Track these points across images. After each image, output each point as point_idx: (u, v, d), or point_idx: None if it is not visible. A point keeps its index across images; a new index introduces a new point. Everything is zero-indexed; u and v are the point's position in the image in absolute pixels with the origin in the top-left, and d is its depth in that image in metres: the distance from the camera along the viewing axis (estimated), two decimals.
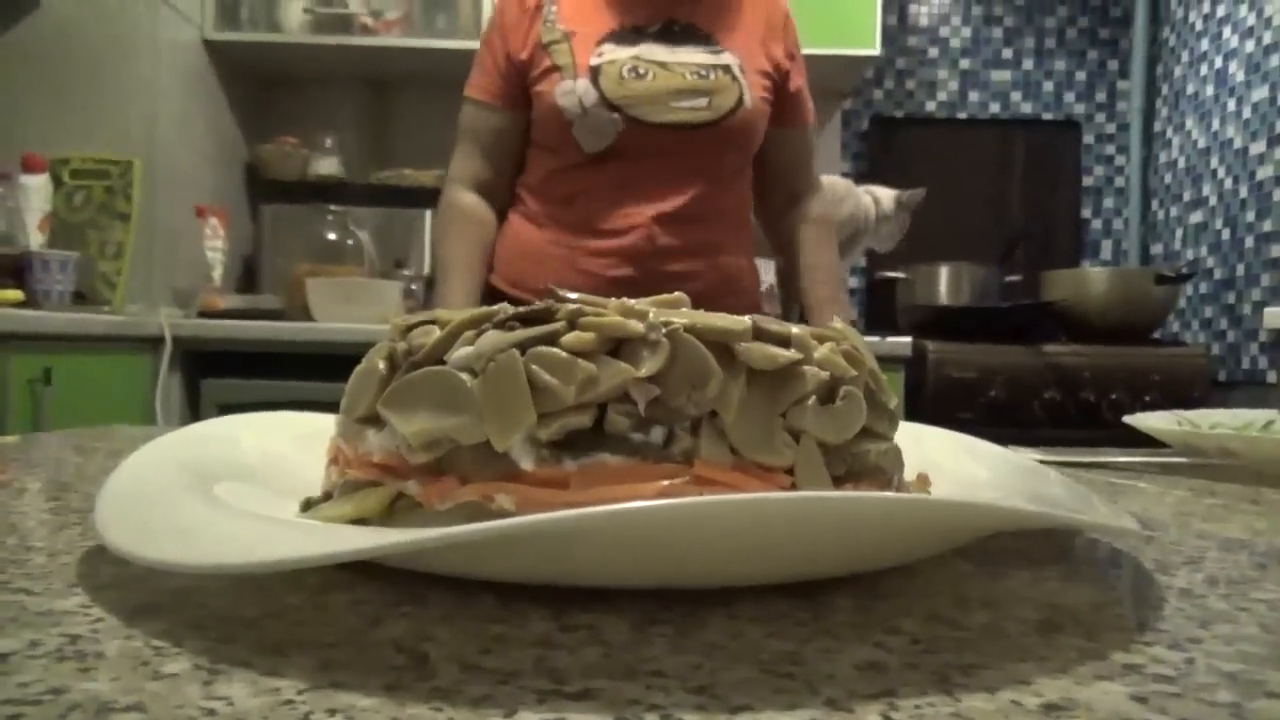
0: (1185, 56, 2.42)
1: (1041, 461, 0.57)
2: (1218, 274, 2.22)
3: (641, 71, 1.25)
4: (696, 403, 0.27)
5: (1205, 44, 2.32)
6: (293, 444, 0.39)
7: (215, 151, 2.26)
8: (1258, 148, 2.08)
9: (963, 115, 2.71)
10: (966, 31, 2.71)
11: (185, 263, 2.09)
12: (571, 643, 0.21)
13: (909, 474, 0.35)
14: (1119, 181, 2.68)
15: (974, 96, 2.71)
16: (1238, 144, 2.16)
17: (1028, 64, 2.70)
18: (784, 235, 1.43)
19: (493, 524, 0.20)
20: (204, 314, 1.99)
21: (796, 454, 0.28)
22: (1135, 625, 0.23)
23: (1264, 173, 2.06)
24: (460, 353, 0.28)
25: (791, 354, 0.29)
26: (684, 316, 0.29)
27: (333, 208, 2.31)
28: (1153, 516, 0.39)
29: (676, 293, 0.35)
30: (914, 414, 2.03)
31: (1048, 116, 2.70)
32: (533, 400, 0.27)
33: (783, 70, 1.35)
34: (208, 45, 2.15)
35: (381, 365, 0.30)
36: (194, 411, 1.96)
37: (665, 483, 0.26)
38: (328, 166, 2.40)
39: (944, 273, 2.36)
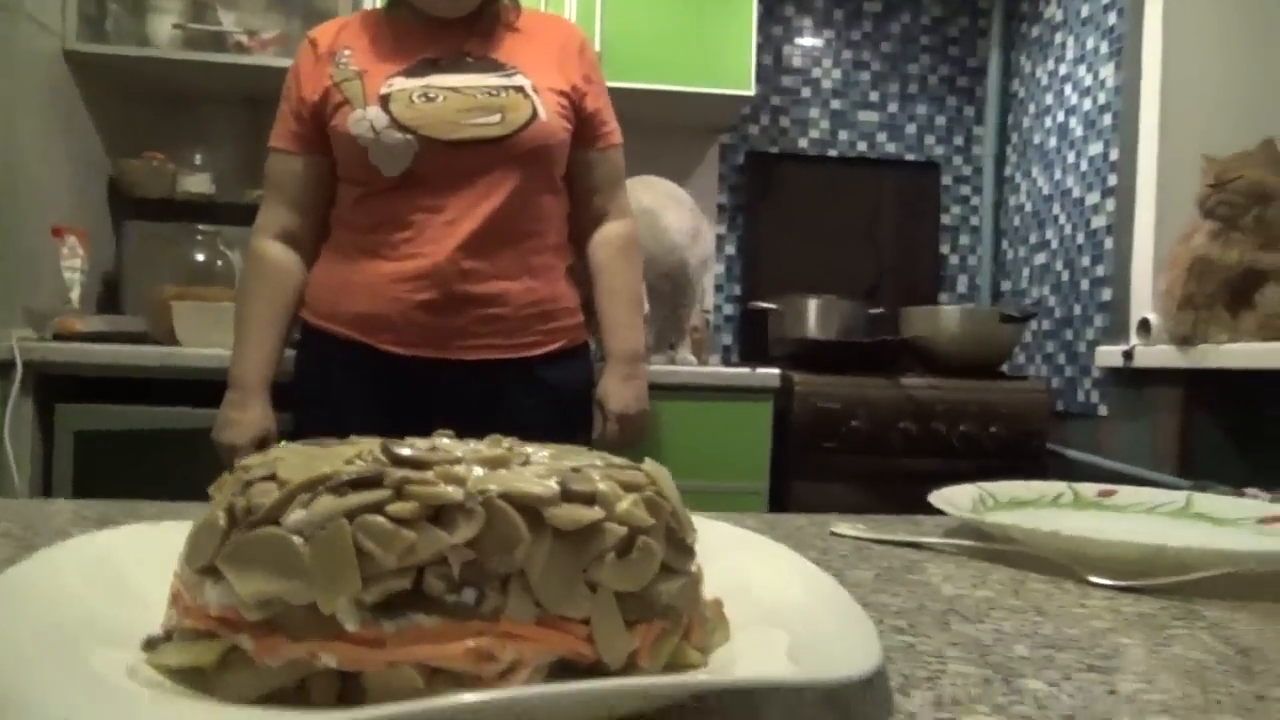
0: (1032, 109, 2.61)
1: (858, 538, 0.63)
2: (1058, 313, 2.40)
3: (432, 95, 1.28)
4: (506, 564, 0.31)
5: (1049, 99, 2.51)
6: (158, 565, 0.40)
7: (76, 167, 2.17)
8: (1093, 198, 2.26)
9: (833, 153, 2.84)
10: (837, 74, 2.84)
11: (42, 283, 2.01)
12: None
13: (724, 586, 0.40)
14: (974, 220, 2.86)
15: (843, 135, 2.85)
16: (1076, 193, 2.34)
17: (892, 107, 2.85)
18: (589, 255, 1.46)
19: None
20: (60, 336, 1.91)
21: (593, 605, 0.32)
22: None
23: (1098, 221, 2.24)
24: (294, 517, 0.31)
25: (595, 513, 0.33)
26: (498, 482, 0.32)
27: (202, 227, 2.25)
28: (918, 606, 0.45)
29: (501, 439, 0.39)
30: (781, 442, 2.12)
31: (910, 157, 2.85)
32: (358, 566, 0.30)
33: (579, 91, 1.38)
34: (69, 57, 2.07)
35: (222, 520, 0.33)
36: (47, 438, 1.88)
37: (470, 642, 0.30)
38: (197, 184, 2.33)
39: (813, 305, 2.47)
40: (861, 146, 2.85)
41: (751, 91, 2.39)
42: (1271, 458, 1.66)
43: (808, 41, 2.84)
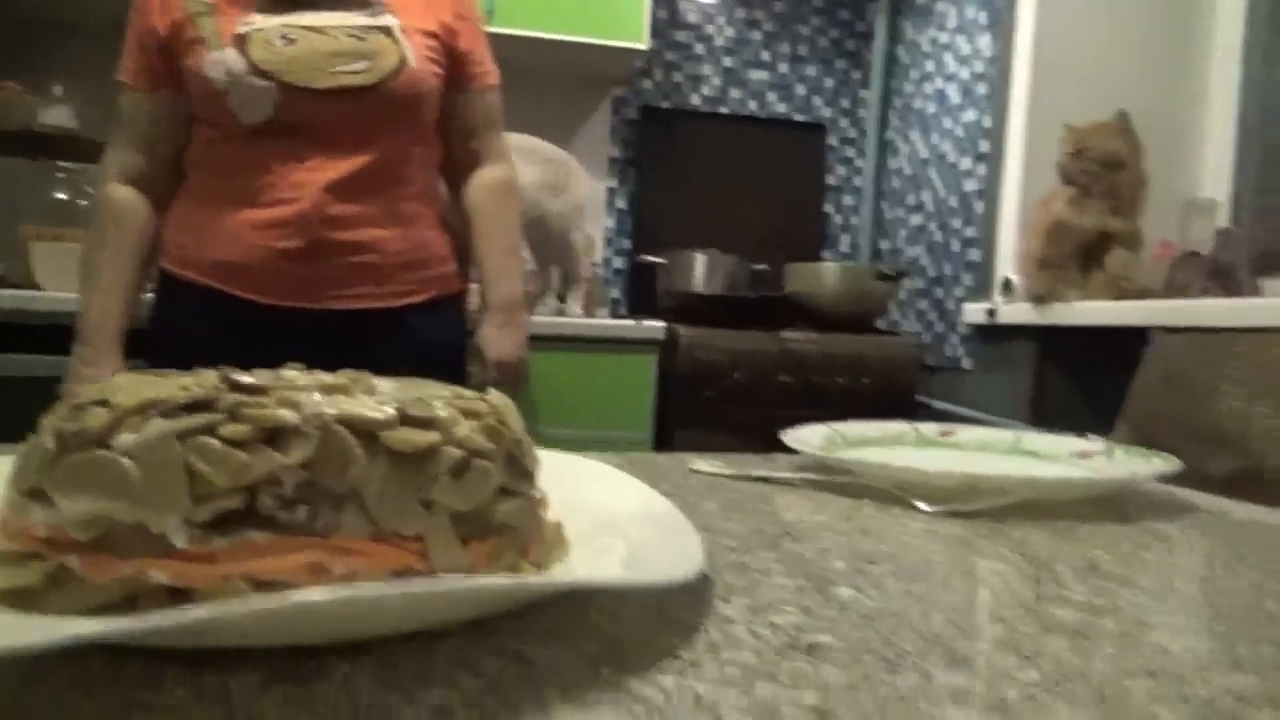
0: (914, 75, 2.69)
1: (714, 474, 0.66)
2: (930, 272, 2.51)
3: (292, 37, 1.20)
4: (341, 484, 0.32)
5: (931, 66, 2.59)
6: None
7: None
8: (966, 163, 2.36)
9: (724, 110, 2.87)
10: (730, 31, 2.86)
11: None
12: (202, 707, 0.26)
13: (567, 510, 0.42)
14: (857, 181, 2.94)
15: (735, 94, 2.88)
16: (951, 158, 2.44)
17: (783, 67, 2.89)
18: (464, 200, 1.42)
19: (128, 625, 0.24)
20: None
21: (428, 522, 0.34)
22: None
23: (969, 186, 2.34)
24: (123, 439, 0.31)
25: (431, 436, 0.34)
26: (335, 406, 0.33)
27: (63, 164, 2.12)
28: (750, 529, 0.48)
29: (348, 373, 0.40)
30: (666, 393, 2.17)
31: (798, 118, 2.91)
32: (189, 486, 0.31)
33: (450, 30, 1.33)
34: None
35: (50, 443, 0.33)
36: None
37: (302, 556, 0.31)
38: (57, 117, 2.20)
39: (700, 260, 2.51)
40: (752, 105, 2.89)
41: (645, 45, 2.39)
42: (1115, 407, 1.78)
43: None
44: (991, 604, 0.38)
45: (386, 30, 1.25)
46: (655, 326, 2.14)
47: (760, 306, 2.30)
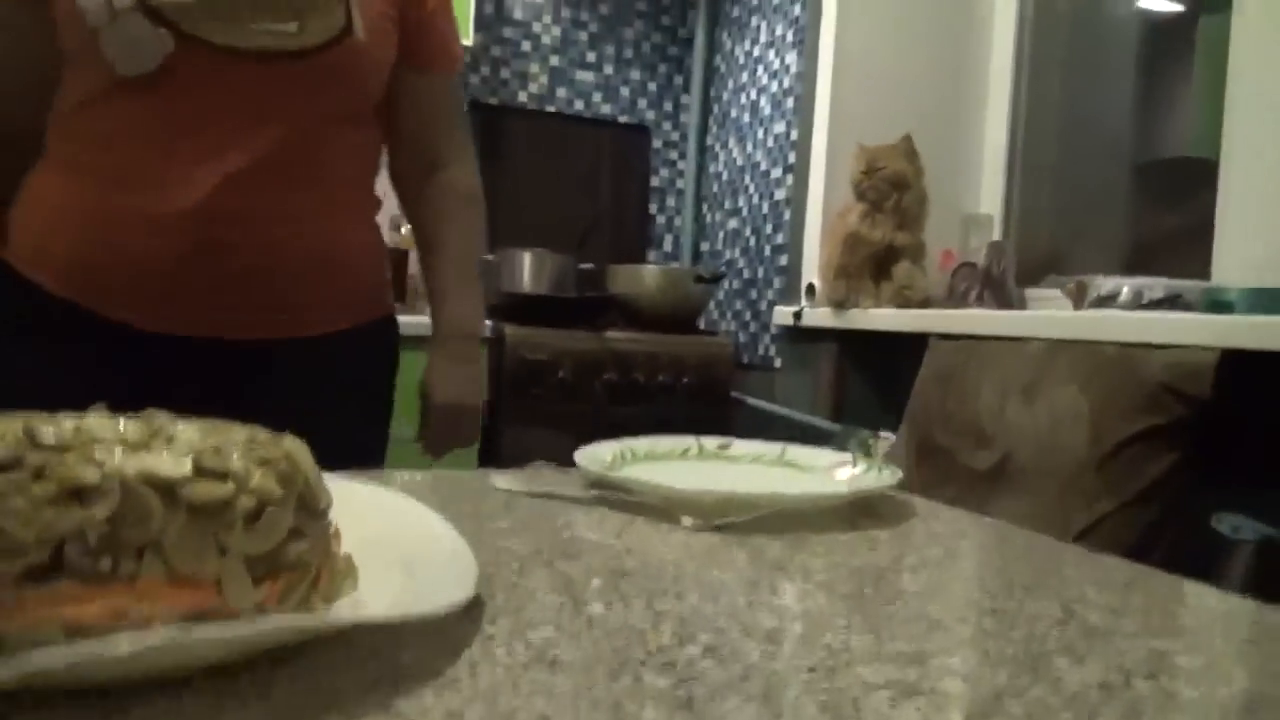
0: (731, 84, 2.84)
1: (511, 490, 0.73)
2: (745, 274, 2.66)
3: None
4: (142, 536, 0.37)
5: (745, 77, 2.74)
6: None
7: None
8: (776, 172, 2.52)
9: (551, 109, 2.92)
10: (557, 30, 2.91)
11: None
12: None
13: (359, 542, 0.47)
14: (679, 184, 3.07)
15: (562, 93, 2.93)
16: (763, 167, 2.59)
17: (608, 69, 2.98)
18: (415, 206, 1.19)
19: None
20: None
21: (223, 565, 0.38)
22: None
23: (780, 194, 2.50)
24: None
25: (227, 489, 0.39)
26: (136, 463, 0.37)
27: None
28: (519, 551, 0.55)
29: (156, 415, 0.44)
30: (494, 390, 2.21)
31: (623, 119, 3.00)
32: None
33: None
34: None
35: None
36: None
37: (102, 601, 0.35)
38: None
39: (527, 258, 2.57)
40: (579, 105, 2.95)
41: (469, 39, 2.41)
42: (902, 404, 1.97)
43: None
44: (710, 612, 0.46)
45: None
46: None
47: (585, 306, 2.38)
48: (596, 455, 0.78)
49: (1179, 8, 2.31)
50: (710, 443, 0.86)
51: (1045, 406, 1.44)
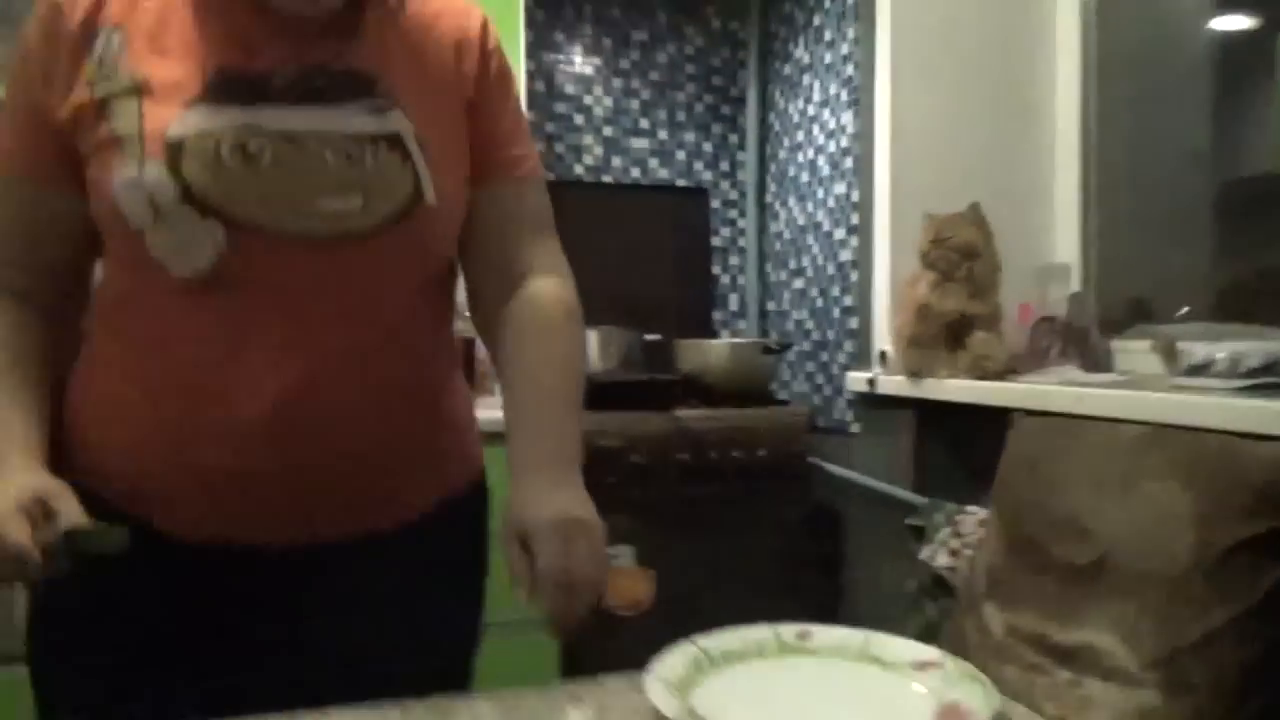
0: (787, 143, 2.80)
1: None
2: (815, 336, 2.61)
3: (253, 149, 0.80)
4: None
5: (801, 135, 2.69)
6: None
7: None
8: (840, 233, 2.47)
9: (608, 179, 2.92)
10: (609, 101, 2.92)
11: None
12: None
13: None
14: (741, 243, 3.03)
15: (617, 162, 2.93)
16: (826, 227, 2.54)
17: (662, 134, 2.96)
18: (499, 329, 0.97)
19: None
20: None
21: None
22: None
23: (845, 255, 2.45)
24: None
25: None
26: None
27: None
28: None
29: None
30: None
31: (681, 183, 2.98)
32: None
33: (476, 106, 0.93)
34: None
35: None
36: None
37: None
38: None
39: (594, 337, 2.56)
40: (635, 172, 2.95)
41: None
42: (986, 475, 1.89)
43: (578, 69, 2.89)
44: None
45: (394, 141, 0.85)
46: None
47: (654, 388, 2.36)
48: (671, 667, 0.75)
49: (1254, 23, 2.20)
50: (788, 632, 0.83)
51: (1144, 501, 1.36)
